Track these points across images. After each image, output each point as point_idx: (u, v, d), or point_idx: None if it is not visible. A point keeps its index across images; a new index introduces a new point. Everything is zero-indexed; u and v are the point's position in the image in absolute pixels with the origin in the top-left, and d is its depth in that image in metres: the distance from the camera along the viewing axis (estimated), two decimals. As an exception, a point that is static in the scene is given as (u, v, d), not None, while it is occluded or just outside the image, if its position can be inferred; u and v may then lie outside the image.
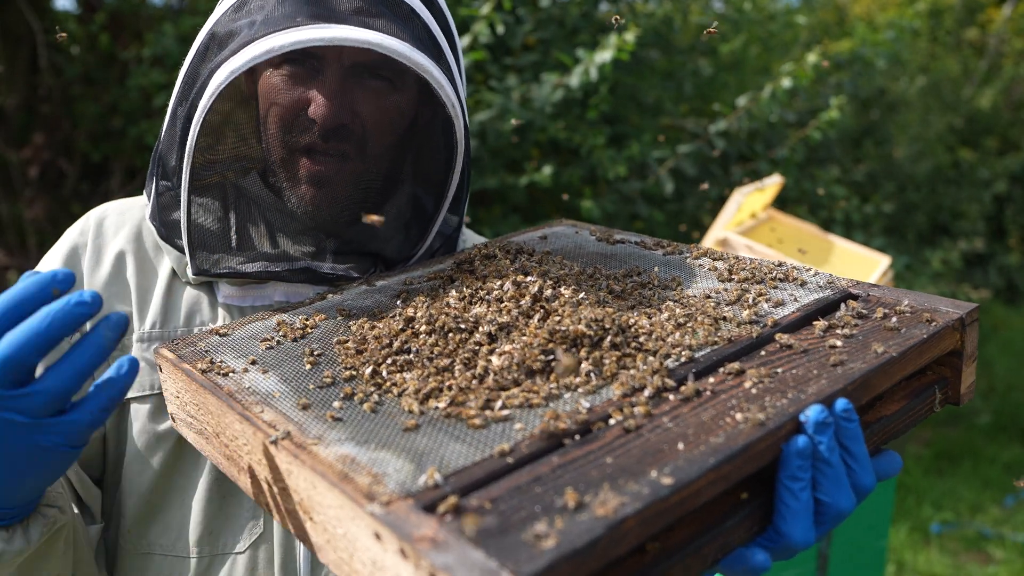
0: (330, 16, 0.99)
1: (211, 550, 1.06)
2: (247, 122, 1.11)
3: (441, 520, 0.61)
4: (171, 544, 1.07)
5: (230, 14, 1.04)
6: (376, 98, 1.07)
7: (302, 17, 0.98)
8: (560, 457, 0.68)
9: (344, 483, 0.67)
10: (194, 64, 1.05)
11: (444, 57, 1.09)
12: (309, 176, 1.07)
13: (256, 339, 0.96)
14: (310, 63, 1.04)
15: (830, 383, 0.78)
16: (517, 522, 0.60)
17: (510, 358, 0.83)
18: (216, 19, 1.05)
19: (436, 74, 1.03)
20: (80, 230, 1.16)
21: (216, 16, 1.05)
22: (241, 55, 0.97)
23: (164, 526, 1.07)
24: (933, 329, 0.87)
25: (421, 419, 0.77)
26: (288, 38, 0.96)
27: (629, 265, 1.09)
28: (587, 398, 0.78)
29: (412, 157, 1.17)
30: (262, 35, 0.97)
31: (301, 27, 0.97)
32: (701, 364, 0.82)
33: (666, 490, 0.63)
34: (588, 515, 0.60)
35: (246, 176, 1.13)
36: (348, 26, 0.98)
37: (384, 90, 1.07)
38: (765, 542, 0.76)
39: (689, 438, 0.70)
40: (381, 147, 1.10)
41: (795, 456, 0.73)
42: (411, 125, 1.15)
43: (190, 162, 1.02)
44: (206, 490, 1.06)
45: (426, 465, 0.69)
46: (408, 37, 1.01)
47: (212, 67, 0.99)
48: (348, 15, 1.00)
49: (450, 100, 1.05)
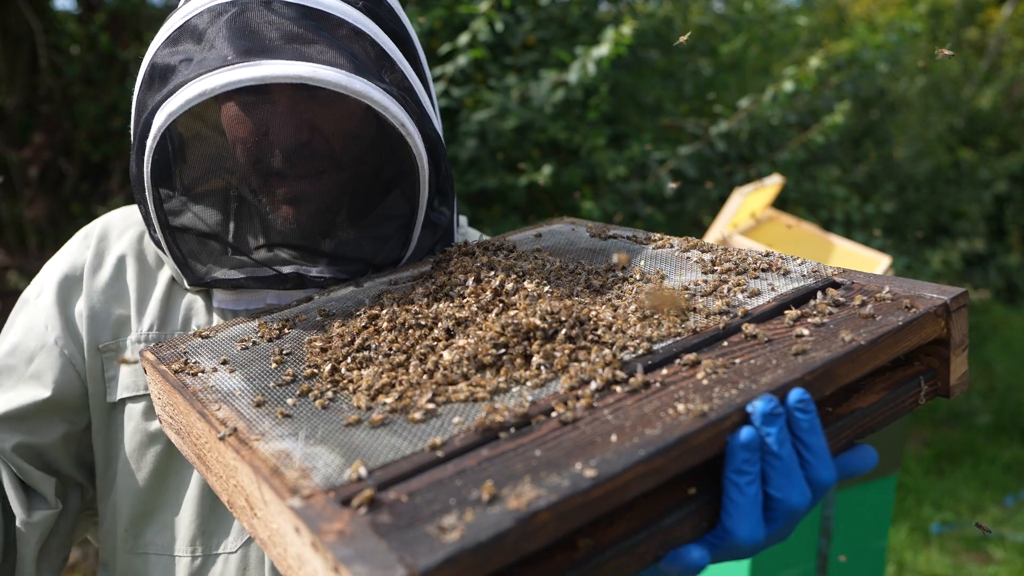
0: (262, 51, 0.97)
1: (204, 550, 1.06)
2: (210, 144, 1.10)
3: (354, 513, 0.60)
4: (167, 544, 1.07)
5: (168, 45, 1.03)
6: (332, 109, 1.05)
7: (233, 54, 0.97)
8: (490, 450, 0.66)
9: (274, 477, 0.67)
10: (141, 93, 1.05)
11: (397, 68, 1.07)
12: (284, 197, 1.06)
13: (235, 340, 0.97)
14: (260, 90, 1.02)
15: (786, 373, 0.73)
16: (427, 515, 0.58)
17: (461, 352, 0.81)
18: (155, 50, 1.04)
19: (377, 97, 0.99)
20: (84, 235, 1.18)
21: (155, 47, 1.05)
22: (176, 98, 0.97)
23: (160, 526, 1.08)
24: (911, 316, 0.82)
25: (366, 415, 0.76)
26: (220, 79, 0.95)
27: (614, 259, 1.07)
28: (533, 392, 0.75)
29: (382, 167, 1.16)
30: (194, 76, 0.97)
31: (232, 67, 0.96)
32: (659, 356, 0.78)
33: (587, 483, 0.60)
34: (500, 508, 0.58)
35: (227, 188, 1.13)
36: (280, 61, 0.96)
37: (336, 98, 1.04)
38: (712, 539, 0.73)
39: (625, 430, 0.67)
40: (350, 154, 1.09)
41: (740, 449, 0.69)
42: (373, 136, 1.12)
43: (152, 194, 1.03)
44: (198, 489, 1.07)
45: (355, 459, 0.67)
46: (346, 62, 0.99)
47: (154, 105, 0.99)
48: (282, 47, 0.98)
49: (398, 120, 1.02)
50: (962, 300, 0.86)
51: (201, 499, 1.07)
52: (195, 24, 1.03)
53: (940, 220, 7.37)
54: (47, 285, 1.13)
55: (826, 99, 4.82)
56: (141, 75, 1.05)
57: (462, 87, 3.40)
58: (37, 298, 1.13)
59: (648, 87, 4.17)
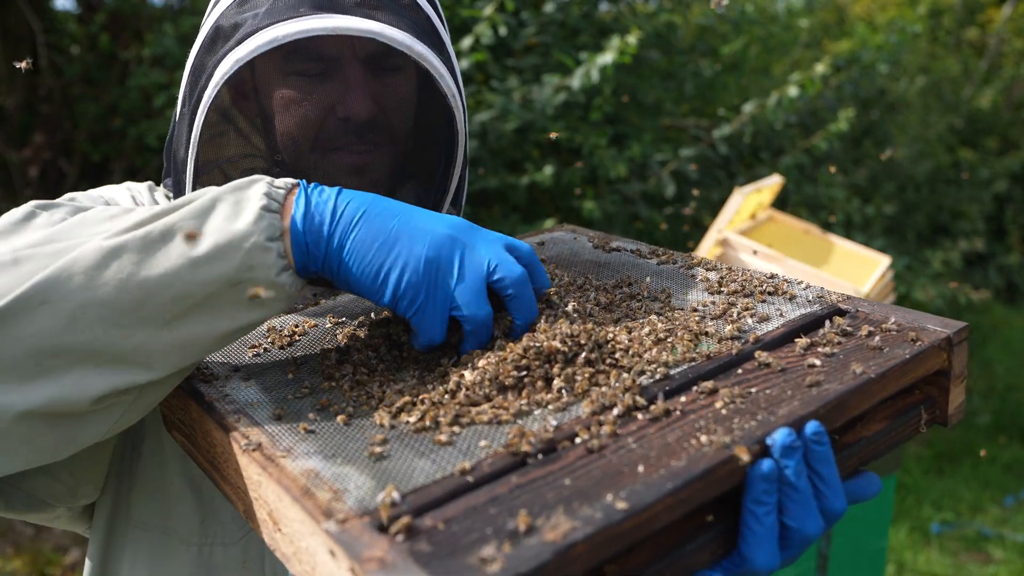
0: (332, 7, 1.00)
1: (207, 539, 1.07)
2: (253, 119, 1.12)
3: (392, 541, 0.61)
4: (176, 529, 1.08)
5: (234, 7, 1.04)
6: (392, 88, 1.09)
7: (305, 8, 0.99)
8: (520, 477, 0.68)
9: (305, 498, 0.67)
10: (199, 57, 1.05)
11: (445, 49, 1.10)
12: (351, 167, 1.08)
13: (245, 345, 0.97)
14: (323, 64, 1.05)
15: (802, 405, 0.76)
16: (466, 545, 0.60)
17: (483, 373, 0.82)
18: (221, 11, 1.05)
19: (437, 64, 1.04)
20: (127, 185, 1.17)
21: (221, 8, 1.06)
22: (246, 45, 0.98)
23: (169, 510, 1.08)
24: (917, 349, 0.85)
25: (391, 433, 0.77)
26: (292, 27, 0.96)
27: (621, 275, 1.08)
28: (556, 416, 0.76)
29: (417, 150, 1.18)
30: (265, 25, 0.98)
31: (304, 17, 0.98)
32: (675, 382, 0.80)
33: (620, 515, 0.62)
34: (537, 539, 0.59)
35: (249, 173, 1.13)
36: (351, 16, 0.99)
37: (395, 80, 1.09)
38: (729, 565, 0.75)
39: (651, 460, 0.68)
40: (402, 136, 1.12)
41: (760, 480, 0.71)
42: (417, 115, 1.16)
43: (195, 152, 1.03)
44: (202, 480, 1.07)
45: (386, 482, 0.68)
46: (409, 27, 1.02)
47: (217, 59, 1.00)
48: (351, 6, 1.01)
49: (450, 90, 1.06)
50: (963, 334, 0.89)
51: (202, 491, 1.07)
52: None
53: (940, 220, 7.37)
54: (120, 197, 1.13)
55: (827, 100, 4.82)
56: (200, 40, 1.05)
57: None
58: None
59: (649, 87, 4.17)
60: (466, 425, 0.77)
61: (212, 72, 1.00)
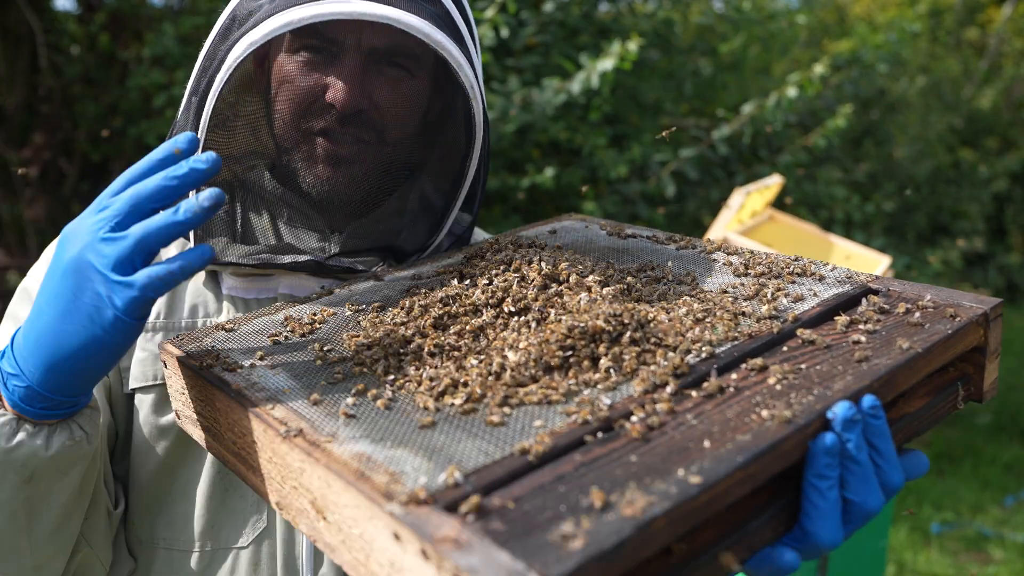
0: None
1: (214, 544, 1.05)
2: (260, 111, 1.11)
3: (463, 520, 0.59)
4: (175, 537, 1.06)
5: None
6: (393, 86, 1.07)
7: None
8: (583, 455, 0.66)
9: (361, 482, 0.65)
10: (213, 45, 1.05)
11: (464, 40, 1.09)
12: (326, 155, 1.07)
13: (263, 334, 0.94)
14: (328, 48, 1.04)
15: (856, 379, 0.75)
16: (542, 522, 0.58)
17: (527, 354, 0.81)
18: (236, 2, 1.05)
19: (455, 53, 1.02)
20: None
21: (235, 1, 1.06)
22: (260, 28, 0.98)
23: (169, 519, 1.07)
24: (957, 325, 0.85)
25: (437, 416, 0.75)
26: (308, 11, 0.96)
27: (642, 260, 1.07)
28: (608, 395, 0.76)
29: (428, 147, 1.17)
30: (281, 9, 0.98)
31: (322, 1, 0.97)
32: (722, 360, 0.80)
33: (695, 489, 0.61)
34: (615, 515, 0.58)
35: (254, 170, 1.13)
36: (367, 1, 0.98)
37: (401, 78, 1.08)
38: (792, 542, 0.74)
39: (715, 436, 0.68)
40: (398, 136, 1.10)
41: (823, 454, 0.71)
42: (428, 114, 1.15)
43: (205, 134, 1.02)
44: (209, 483, 1.06)
45: (445, 463, 0.67)
46: (427, 16, 1.01)
47: (230, 44, 1.00)
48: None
49: (469, 81, 1.05)
50: (999, 310, 0.89)
51: (211, 493, 1.06)
52: None
53: (940, 220, 7.37)
54: None
55: (827, 99, 4.82)
56: (216, 30, 1.05)
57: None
58: None
59: (648, 87, 4.17)
60: (516, 406, 0.75)
61: (225, 56, 1.00)
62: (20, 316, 1.10)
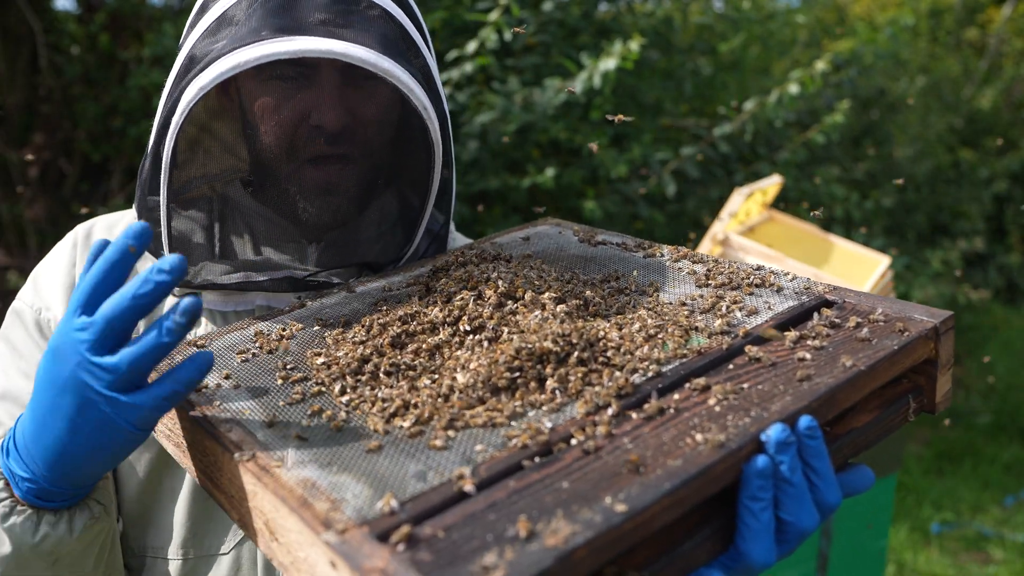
0: (296, 28, 0.99)
1: (196, 552, 1.06)
2: (228, 134, 1.11)
3: (393, 550, 0.61)
4: (161, 546, 1.07)
5: (207, 36, 1.05)
6: (369, 98, 1.08)
7: (267, 31, 0.99)
8: (517, 481, 0.67)
9: (303, 509, 0.67)
10: (173, 87, 1.06)
11: (421, 55, 1.09)
12: (318, 186, 1.07)
13: (233, 351, 0.96)
14: (304, 72, 1.05)
15: (795, 400, 0.76)
16: (467, 552, 0.59)
17: (476, 375, 0.81)
18: (193, 42, 1.06)
19: (404, 79, 1.02)
20: (72, 242, 1.17)
21: (193, 39, 1.06)
22: (208, 72, 0.98)
23: (157, 529, 1.08)
24: (905, 340, 0.85)
25: (385, 439, 0.76)
26: (252, 53, 0.97)
27: (608, 269, 1.08)
28: (550, 417, 0.76)
29: (396, 158, 1.18)
30: (228, 51, 0.98)
31: (265, 41, 0.97)
32: (668, 379, 0.80)
33: (619, 518, 0.62)
34: (538, 545, 0.59)
35: (228, 186, 1.13)
36: (313, 37, 0.98)
37: (375, 89, 1.08)
38: (727, 561, 0.76)
39: (647, 461, 0.68)
40: (377, 146, 1.11)
41: (755, 477, 0.72)
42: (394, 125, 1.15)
43: (167, 178, 1.03)
44: (190, 492, 1.07)
45: (384, 490, 0.68)
46: (376, 42, 1.01)
47: (183, 86, 1.01)
48: (314, 26, 1.00)
49: (421, 103, 1.05)
50: (950, 323, 0.90)
51: (193, 501, 1.07)
52: (232, 14, 1.03)
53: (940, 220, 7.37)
54: (56, 298, 1.12)
55: (826, 98, 4.82)
56: (175, 70, 1.06)
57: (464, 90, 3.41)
58: (47, 311, 1.11)
59: (648, 87, 4.17)
60: (461, 429, 0.76)
61: (180, 97, 1.01)
62: (13, 339, 1.11)
